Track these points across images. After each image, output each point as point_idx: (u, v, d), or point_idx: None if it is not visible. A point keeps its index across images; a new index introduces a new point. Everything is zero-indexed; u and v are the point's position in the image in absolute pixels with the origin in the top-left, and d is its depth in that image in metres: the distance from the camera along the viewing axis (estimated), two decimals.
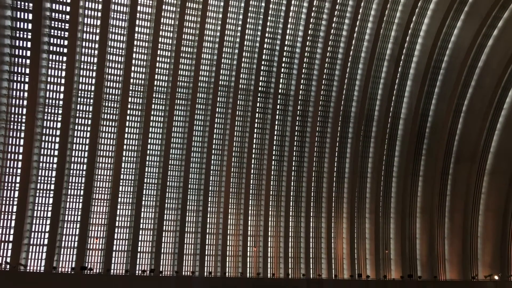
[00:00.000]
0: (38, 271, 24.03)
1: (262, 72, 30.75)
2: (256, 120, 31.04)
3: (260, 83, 30.79)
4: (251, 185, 30.62)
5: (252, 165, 30.76)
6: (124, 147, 27.61)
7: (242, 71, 30.34)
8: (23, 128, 24.78)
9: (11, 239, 23.75)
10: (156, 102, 28.82)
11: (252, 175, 30.68)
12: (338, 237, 31.38)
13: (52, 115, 25.89)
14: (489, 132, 30.42)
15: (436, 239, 30.58)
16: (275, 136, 31.42)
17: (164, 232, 27.98)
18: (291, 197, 31.31)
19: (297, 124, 31.72)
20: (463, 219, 30.26)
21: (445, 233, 30.81)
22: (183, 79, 29.43)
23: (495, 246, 29.30)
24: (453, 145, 31.46)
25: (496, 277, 28.07)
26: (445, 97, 31.39)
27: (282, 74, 31.26)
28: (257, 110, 31.07)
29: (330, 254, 30.79)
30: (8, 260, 23.26)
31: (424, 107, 31.88)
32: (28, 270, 23.81)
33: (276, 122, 31.47)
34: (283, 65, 31.23)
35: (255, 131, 30.99)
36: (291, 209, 31.18)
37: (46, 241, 24.62)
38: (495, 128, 30.58)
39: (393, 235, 31.61)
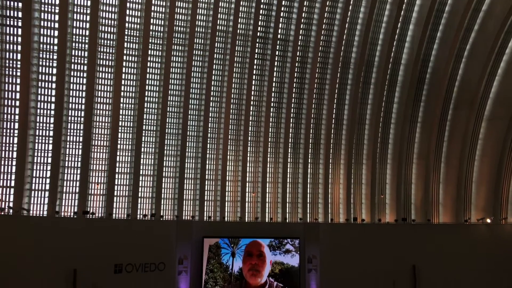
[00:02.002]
0: (41, 215, 24.53)
1: (260, 16, 29.97)
2: (255, 67, 30.63)
3: (259, 28, 30.11)
4: (250, 132, 30.72)
5: (251, 112, 30.71)
6: (122, 93, 27.38)
7: (240, 15, 29.55)
8: (18, 74, 24.45)
9: (12, 184, 24.07)
10: (152, 48, 28.27)
11: (250, 122, 30.71)
12: (335, 183, 31.92)
13: (47, 60, 25.47)
14: (489, 77, 30.10)
15: (431, 184, 31.14)
16: (273, 83, 31.15)
17: (164, 178, 28.35)
18: (290, 144, 31.50)
19: (296, 70, 31.34)
20: (459, 165, 30.66)
21: (440, 178, 31.31)
22: (180, 24, 28.72)
23: (489, 191, 29.87)
24: (453, 91, 31.25)
25: (488, 220, 28.88)
26: (447, 42, 30.79)
27: (281, 19, 30.48)
28: (256, 56, 30.58)
29: (327, 199, 31.44)
30: (11, 204, 23.66)
31: (426, 52, 31.34)
32: (31, 215, 24.28)
33: (275, 69, 31.07)
34: (282, 9, 30.40)
35: (254, 77, 30.68)
36: (289, 156, 31.46)
37: (47, 187, 25.00)
38: (496, 74, 30.25)
39: (389, 180, 32.14)
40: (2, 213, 22.85)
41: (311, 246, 29.12)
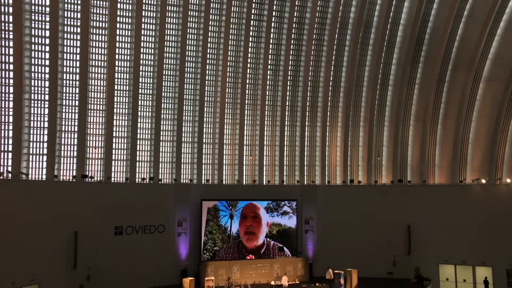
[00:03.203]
0: (40, 179, 24.65)
1: None
2: (251, 28, 30.15)
3: None
4: (247, 95, 30.58)
5: (248, 75, 30.46)
6: (117, 56, 26.99)
7: None
8: (11, 37, 23.96)
9: (10, 149, 24.05)
10: (146, 9, 27.67)
11: (247, 85, 30.50)
12: (332, 145, 32.06)
13: (40, 23, 24.91)
14: (488, 37, 29.64)
15: (427, 145, 31.26)
16: (270, 45, 30.76)
17: (161, 142, 28.40)
18: (287, 107, 31.45)
19: (293, 32, 30.87)
20: (456, 126, 30.66)
21: (437, 140, 31.42)
22: None
23: (485, 152, 30.00)
24: (451, 52, 30.84)
25: (483, 181, 29.19)
26: (447, 1, 30.18)
27: None
28: (252, 17, 30.03)
29: (324, 161, 31.69)
30: (10, 169, 23.71)
31: (425, 12, 30.75)
32: (30, 179, 24.37)
33: (272, 30, 30.61)
34: None
35: (250, 39, 30.24)
36: (286, 119, 31.48)
37: (45, 151, 24.99)
38: (495, 34, 29.73)
39: (386, 142, 32.26)
40: (1, 177, 22.95)
41: (308, 207, 29.64)
